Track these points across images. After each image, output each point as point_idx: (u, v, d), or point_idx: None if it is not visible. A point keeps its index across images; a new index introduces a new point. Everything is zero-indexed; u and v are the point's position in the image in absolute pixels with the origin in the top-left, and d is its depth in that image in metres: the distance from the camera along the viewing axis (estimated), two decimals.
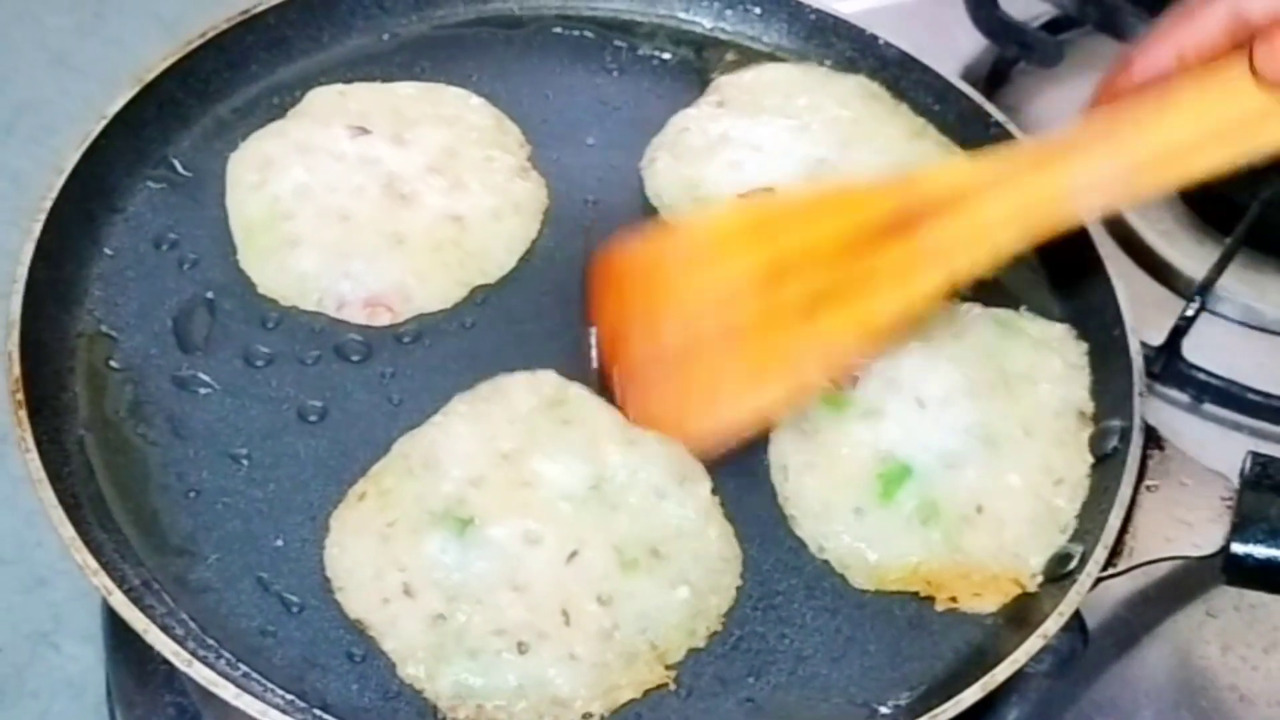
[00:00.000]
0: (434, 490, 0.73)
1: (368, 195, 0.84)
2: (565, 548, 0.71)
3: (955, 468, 0.77)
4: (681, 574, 0.72)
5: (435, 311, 0.83)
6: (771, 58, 0.99)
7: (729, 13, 1.01)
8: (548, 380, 0.78)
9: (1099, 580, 0.73)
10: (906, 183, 0.74)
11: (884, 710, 0.71)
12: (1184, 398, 1.00)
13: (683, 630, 0.71)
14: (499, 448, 0.74)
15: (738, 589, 0.74)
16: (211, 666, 0.67)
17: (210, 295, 0.82)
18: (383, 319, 0.82)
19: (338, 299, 0.82)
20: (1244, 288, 1.07)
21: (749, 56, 0.99)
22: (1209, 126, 0.69)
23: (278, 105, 0.91)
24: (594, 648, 0.69)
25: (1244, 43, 0.68)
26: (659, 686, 0.70)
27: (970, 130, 0.94)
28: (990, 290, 0.87)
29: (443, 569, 0.70)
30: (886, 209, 0.73)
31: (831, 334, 0.74)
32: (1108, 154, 0.70)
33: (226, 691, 0.65)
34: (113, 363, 0.79)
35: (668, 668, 0.71)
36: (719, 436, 0.76)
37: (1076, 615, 0.73)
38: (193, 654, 0.67)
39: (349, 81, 0.93)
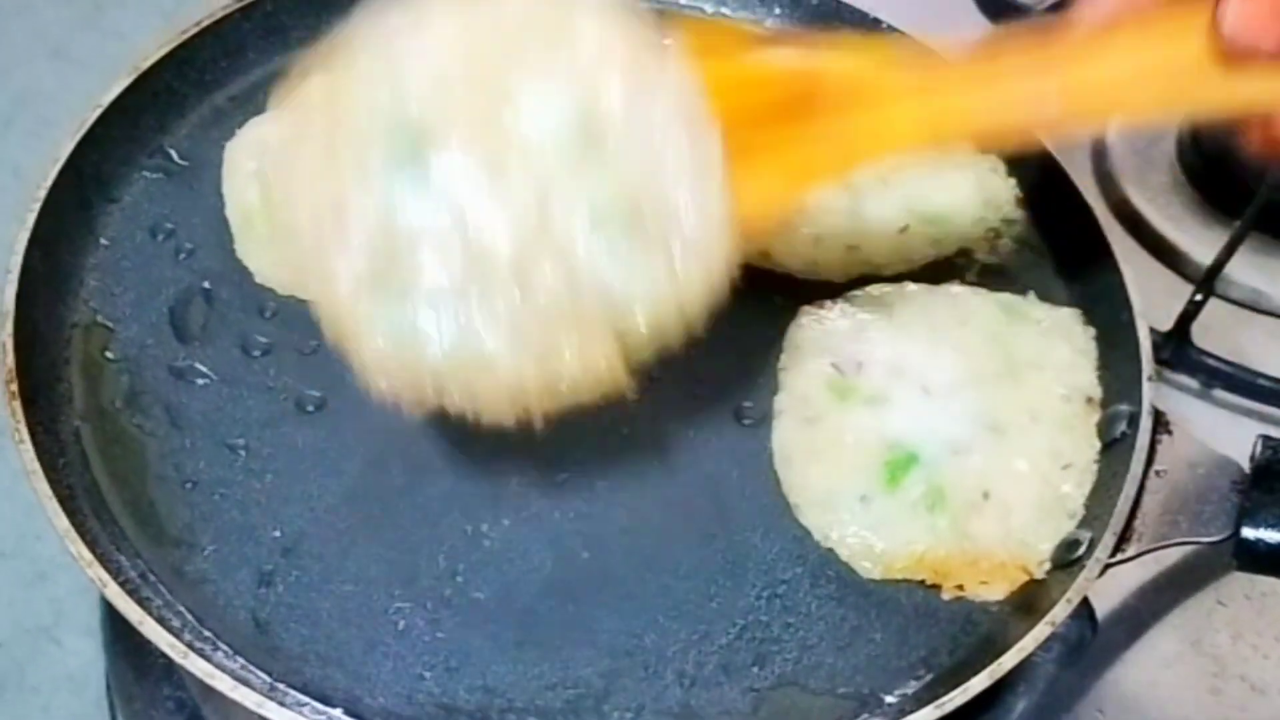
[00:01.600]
0: (387, 102, 0.64)
1: None
2: (530, 192, 0.62)
3: (962, 454, 0.76)
4: (664, 244, 0.64)
5: None
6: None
7: None
8: None
9: (1108, 566, 0.72)
10: (820, 69, 0.69)
11: (890, 699, 0.70)
12: (1193, 383, 0.99)
13: (653, 315, 0.64)
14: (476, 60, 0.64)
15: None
16: (208, 659, 0.66)
17: (207, 285, 0.82)
18: None
19: None
20: (1253, 272, 1.06)
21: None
22: (1146, 68, 0.65)
23: (275, 93, 0.91)
24: (542, 312, 0.62)
25: None
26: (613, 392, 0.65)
27: None
28: (996, 275, 0.87)
29: (384, 197, 0.63)
30: (789, 89, 0.68)
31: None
32: (1032, 74, 0.66)
33: (223, 684, 0.65)
34: (109, 353, 0.78)
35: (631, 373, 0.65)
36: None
37: (1085, 603, 0.72)
38: (189, 646, 0.66)
39: None
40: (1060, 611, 0.70)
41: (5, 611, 0.96)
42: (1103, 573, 0.72)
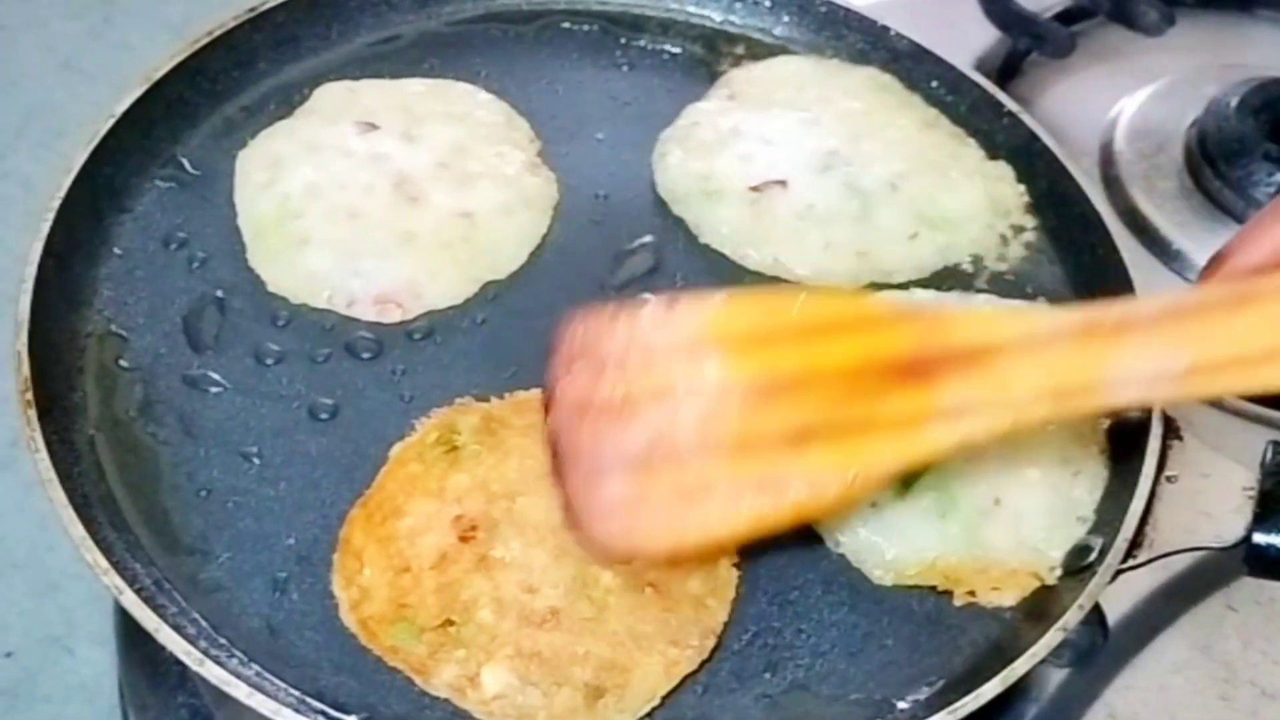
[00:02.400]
0: None
1: (377, 193, 0.84)
2: None
3: (973, 461, 0.76)
4: None
5: (446, 308, 0.82)
6: (782, 50, 0.99)
7: (739, 5, 1.00)
8: None
9: (1119, 572, 0.72)
10: (934, 321, 0.66)
11: (902, 705, 0.70)
12: None
13: None
14: None
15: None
16: (223, 666, 0.66)
17: (220, 294, 0.82)
18: (393, 316, 0.81)
19: (348, 296, 0.81)
20: None
21: (759, 50, 0.98)
22: None
23: (286, 103, 0.91)
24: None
25: None
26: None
27: (983, 120, 0.94)
28: (1005, 282, 0.87)
29: None
30: (905, 347, 0.64)
31: (817, 472, 0.65)
32: (1165, 345, 0.61)
33: (239, 690, 0.65)
34: (123, 362, 0.78)
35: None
36: (667, 556, 0.68)
37: (1096, 608, 0.72)
38: (205, 653, 0.66)
39: (358, 79, 0.92)
40: (1072, 617, 0.70)
41: (17, 621, 0.96)
42: (1114, 579, 0.72)
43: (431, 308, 0.82)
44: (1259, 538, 0.73)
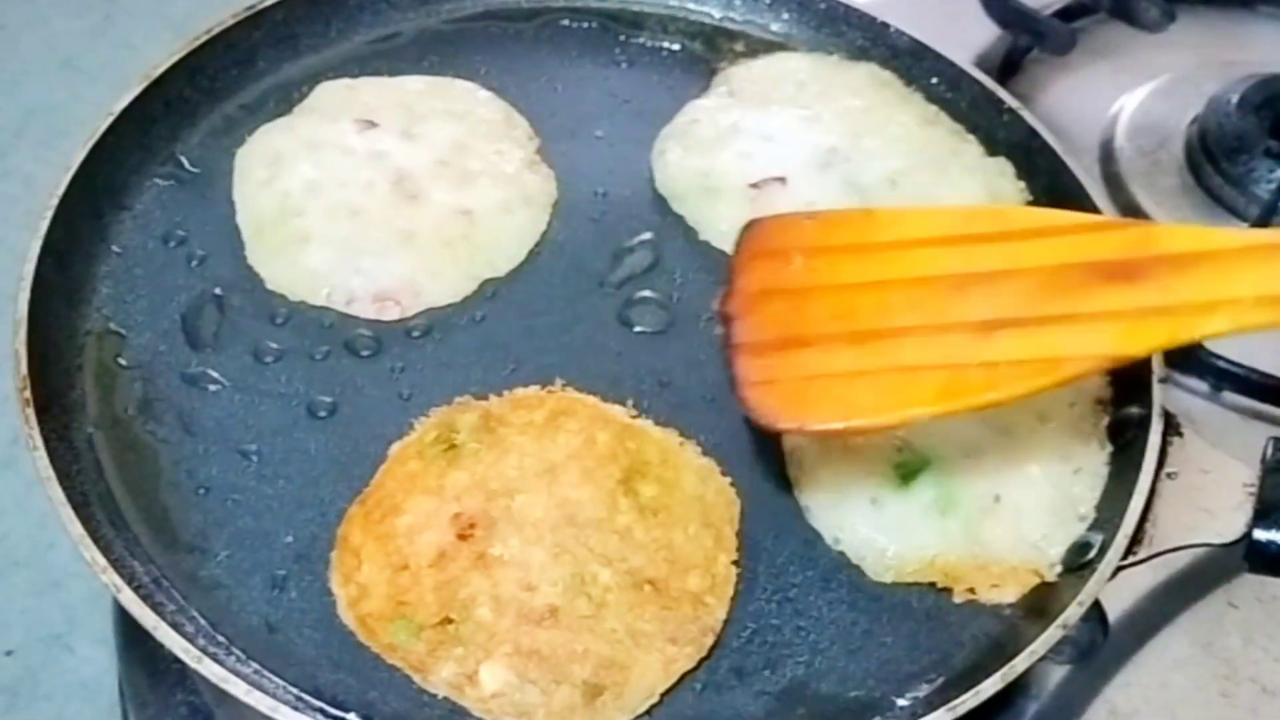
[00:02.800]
0: None
1: (377, 190, 0.84)
2: None
3: (972, 457, 0.76)
4: None
5: (444, 305, 0.82)
6: (781, 47, 0.99)
7: (738, 2, 1.00)
8: None
9: (1119, 569, 0.72)
10: (1144, 230, 0.66)
11: (902, 703, 0.70)
12: (1204, 386, 0.99)
13: None
14: None
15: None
16: (222, 663, 0.66)
17: (219, 292, 0.82)
18: (392, 314, 0.81)
19: (347, 294, 0.81)
20: None
21: (759, 47, 0.99)
22: None
23: (285, 101, 0.91)
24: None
25: None
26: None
27: (983, 117, 0.94)
28: None
29: None
30: (1112, 249, 0.64)
31: (1006, 355, 0.65)
32: None
33: (238, 688, 0.65)
34: (121, 360, 0.79)
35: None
36: (841, 430, 0.70)
37: (1096, 605, 0.72)
38: (203, 651, 0.66)
39: (357, 76, 0.92)
40: (1072, 614, 0.70)
41: (18, 619, 0.97)
42: (1114, 575, 0.72)
43: (431, 305, 0.82)
44: (1259, 534, 0.73)
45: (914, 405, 0.67)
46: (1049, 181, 0.90)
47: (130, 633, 0.85)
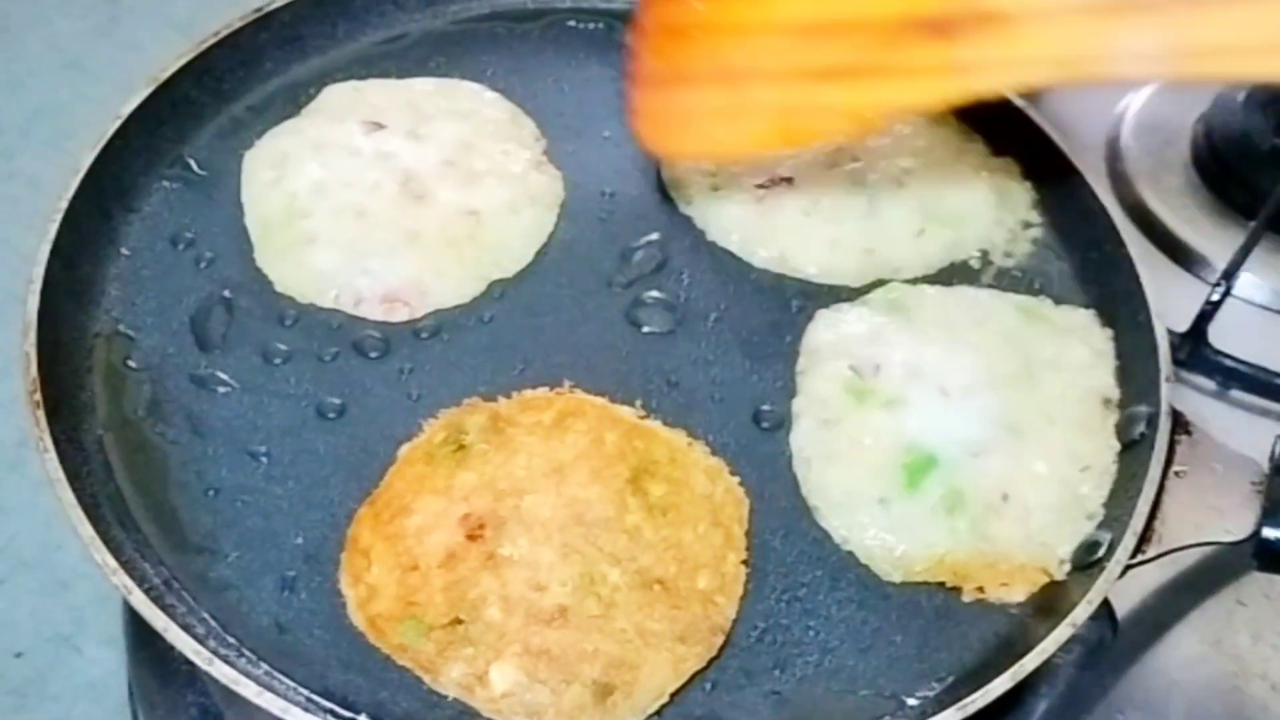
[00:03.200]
0: None
1: (384, 191, 0.84)
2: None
3: (981, 456, 0.77)
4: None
5: (452, 306, 0.82)
6: None
7: None
8: None
9: (1128, 568, 0.72)
10: None
11: (912, 702, 0.70)
12: (1211, 384, 0.99)
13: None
14: None
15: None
16: (233, 665, 0.66)
17: (227, 293, 0.82)
18: (400, 314, 0.81)
19: (355, 295, 0.81)
20: (1269, 273, 1.06)
21: None
22: None
23: (293, 103, 0.91)
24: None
25: None
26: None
27: (989, 117, 0.93)
28: (1012, 277, 0.87)
29: None
30: (931, 6, 0.70)
31: (837, 102, 0.74)
32: (1172, 26, 0.64)
33: (248, 689, 0.65)
34: (131, 362, 0.79)
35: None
36: (703, 158, 0.83)
37: (1105, 604, 0.72)
38: (214, 652, 0.66)
39: (364, 78, 0.93)
40: (1081, 613, 0.70)
41: (26, 621, 0.97)
42: (1123, 574, 0.72)
43: (438, 306, 0.82)
44: (1268, 532, 0.73)
45: (759, 142, 0.78)
46: (1055, 181, 0.90)
47: (139, 634, 0.85)
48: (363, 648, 0.69)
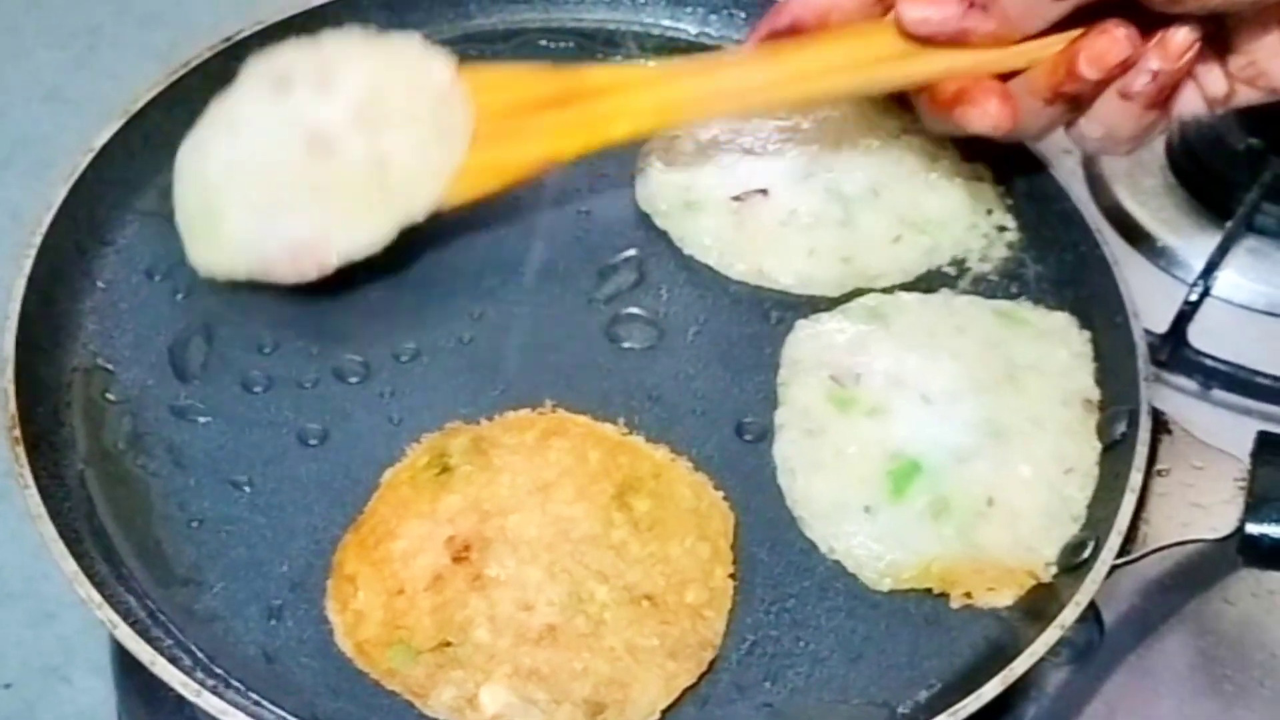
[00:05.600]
0: None
1: (290, 152, 0.80)
2: None
3: (965, 462, 0.77)
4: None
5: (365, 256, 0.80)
6: None
7: (713, 18, 1.00)
8: None
9: (1114, 568, 0.72)
10: (576, 74, 0.84)
11: (903, 709, 0.70)
12: (1192, 384, 0.99)
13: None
14: None
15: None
16: (221, 696, 0.66)
17: (205, 323, 0.82)
18: (311, 271, 0.79)
19: (266, 262, 0.79)
20: (1248, 271, 1.06)
21: None
22: (842, 62, 0.80)
23: None
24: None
25: None
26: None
27: None
28: (990, 282, 0.87)
29: None
30: (554, 89, 0.83)
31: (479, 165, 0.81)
32: (746, 74, 0.83)
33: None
34: (110, 395, 0.78)
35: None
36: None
37: (1092, 606, 0.72)
38: (201, 684, 0.66)
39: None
40: (1069, 614, 0.70)
41: (14, 651, 0.96)
42: (1110, 574, 0.72)
43: (349, 256, 0.80)
44: (1251, 528, 0.73)
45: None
46: (1029, 184, 0.91)
47: (127, 664, 0.85)
48: (352, 674, 0.69)
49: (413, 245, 0.82)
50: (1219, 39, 0.75)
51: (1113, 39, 0.73)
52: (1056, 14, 0.73)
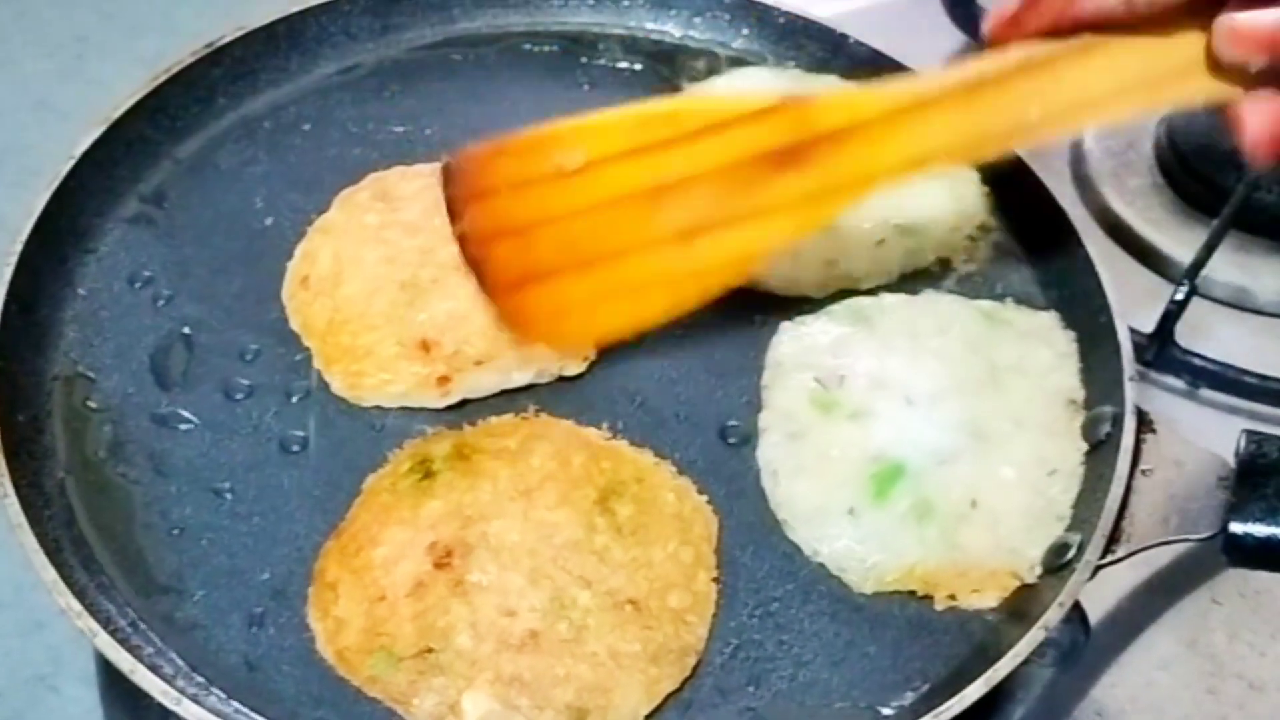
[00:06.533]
0: None
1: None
2: None
3: (948, 464, 0.76)
4: None
5: None
6: (743, 63, 0.99)
7: (698, 20, 1.01)
8: None
9: (1099, 568, 0.72)
10: (799, 109, 0.71)
11: (887, 712, 0.70)
12: (1179, 383, 0.99)
13: None
14: None
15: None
16: (202, 704, 0.66)
17: (187, 330, 0.82)
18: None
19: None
20: (1234, 270, 1.07)
21: (720, 63, 0.99)
22: (1129, 79, 0.67)
23: (248, 137, 0.91)
24: None
25: None
26: None
27: None
28: (974, 283, 0.87)
29: None
30: (777, 138, 0.70)
31: (708, 260, 0.73)
32: (1019, 100, 0.68)
33: None
34: (91, 403, 0.78)
35: None
36: (590, 345, 0.79)
37: (1077, 607, 0.72)
38: (182, 692, 0.66)
39: (321, 108, 0.93)
40: (1053, 615, 0.70)
41: (3, 661, 0.96)
42: (1094, 575, 0.72)
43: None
44: (1235, 527, 0.73)
45: (648, 317, 0.76)
46: (1013, 185, 0.90)
47: (112, 674, 0.85)
48: (334, 682, 0.69)
49: None
50: None
51: None
52: None
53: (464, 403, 0.79)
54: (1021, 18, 0.68)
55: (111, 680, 0.85)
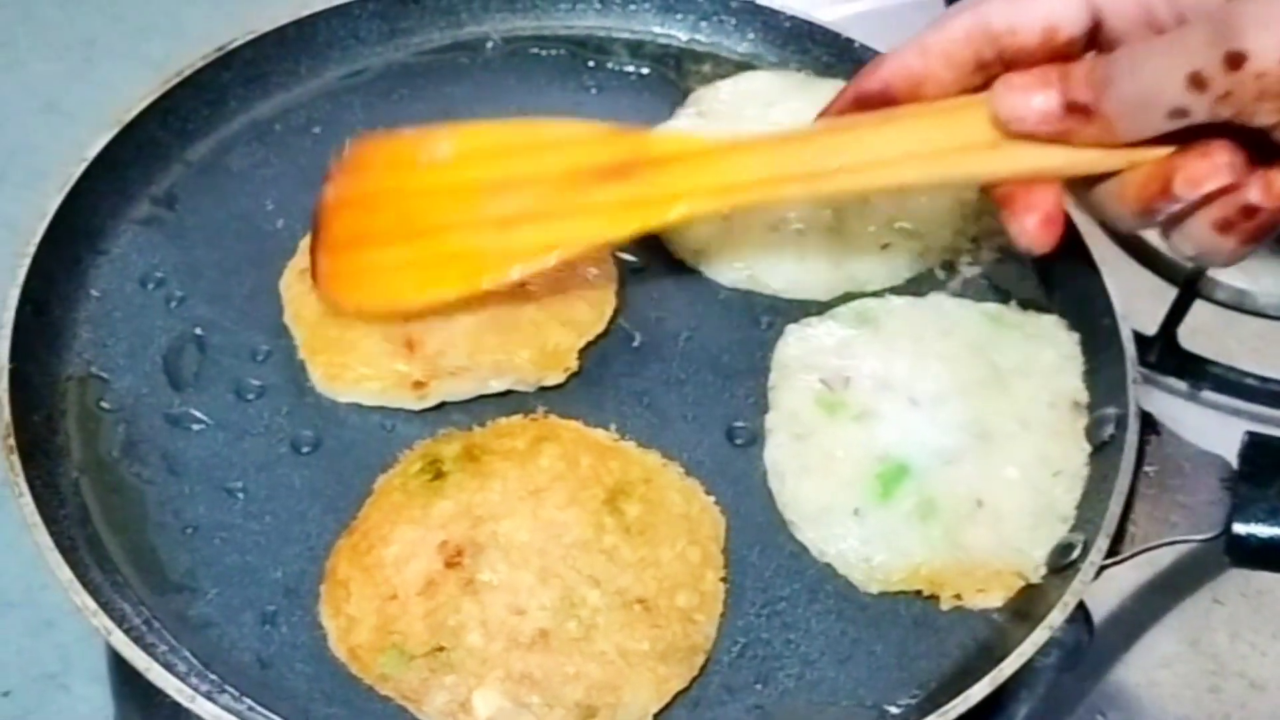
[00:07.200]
0: None
1: None
2: None
3: (952, 464, 0.77)
4: None
5: None
6: (749, 67, 0.99)
7: (704, 24, 1.01)
8: None
9: (1103, 568, 0.73)
10: (637, 138, 0.80)
11: (893, 710, 0.71)
12: (1181, 385, 1.00)
13: None
14: None
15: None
16: (215, 702, 0.67)
17: (199, 331, 0.82)
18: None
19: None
20: (1236, 272, 1.07)
21: (726, 67, 0.99)
22: (917, 149, 0.73)
23: (258, 139, 0.92)
24: None
25: (987, 62, 0.71)
26: None
27: None
28: (978, 285, 0.88)
29: None
30: (610, 155, 0.78)
31: (517, 245, 0.78)
32: (821, 153, 0.75)
33: None
34: (104, 404, 0.79)
35: None
36: (391, 311, 0.80)
37: (1081, 607, 0.72)
38: (196, 690, 0.67)
39: (331, 111, 0.94)
40: (1057, 615, 0.70)
41: (13, 660, 0.96)
42: (1098, 575, 0.72)
43: None
44: (1238, 528, 0.73)
45: (443, 286, 0.79)
46: None
47: (124, 672, 0.85)
48: (346, 680, 0.70)
49: None
50: None
51: (1214, 165, 0.66)
52: (1164, 129, 0.66)
53: (473, 404, 0.80)
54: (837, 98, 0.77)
55: (124, 678, 0.85)
